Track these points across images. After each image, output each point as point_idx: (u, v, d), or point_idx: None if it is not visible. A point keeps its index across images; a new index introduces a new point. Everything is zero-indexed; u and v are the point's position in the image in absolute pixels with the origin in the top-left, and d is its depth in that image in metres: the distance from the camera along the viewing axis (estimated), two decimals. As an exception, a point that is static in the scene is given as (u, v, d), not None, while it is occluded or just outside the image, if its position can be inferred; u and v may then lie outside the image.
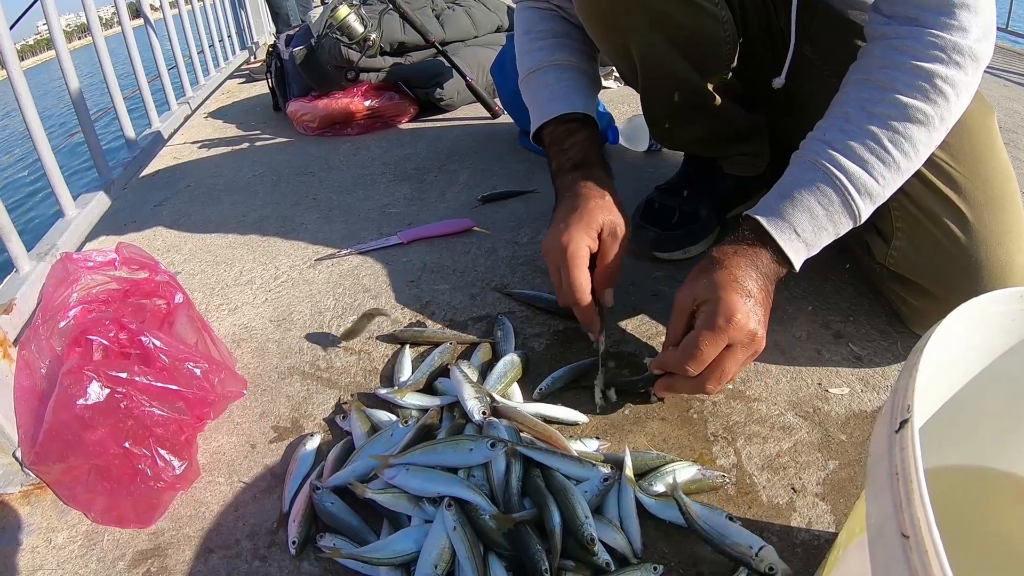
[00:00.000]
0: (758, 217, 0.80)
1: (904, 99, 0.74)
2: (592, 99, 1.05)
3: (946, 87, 0.74)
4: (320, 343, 1.06)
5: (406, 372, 0.95)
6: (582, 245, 0.88)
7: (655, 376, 0.83)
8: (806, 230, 0.78)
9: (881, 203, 0.79)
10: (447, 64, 2.06)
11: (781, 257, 0.79)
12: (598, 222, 0.89)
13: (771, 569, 0.63)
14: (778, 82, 0.97)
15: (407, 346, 1.00)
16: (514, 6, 1.15)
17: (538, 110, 1.05)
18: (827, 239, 0.79)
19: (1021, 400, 0.53)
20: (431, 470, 0.73)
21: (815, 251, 0.80)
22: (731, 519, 0.69)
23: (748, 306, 0.75)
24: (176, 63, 2.51)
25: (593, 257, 0.90)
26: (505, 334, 0.99)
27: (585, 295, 0.88)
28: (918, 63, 0.74)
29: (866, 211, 0.78)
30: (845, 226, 0.79)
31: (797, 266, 0.79)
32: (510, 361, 0.93)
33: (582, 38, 1.06)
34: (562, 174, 1.00)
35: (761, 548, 0.64)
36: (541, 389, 0.89)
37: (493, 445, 0.73)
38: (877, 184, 0.76)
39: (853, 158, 0.76)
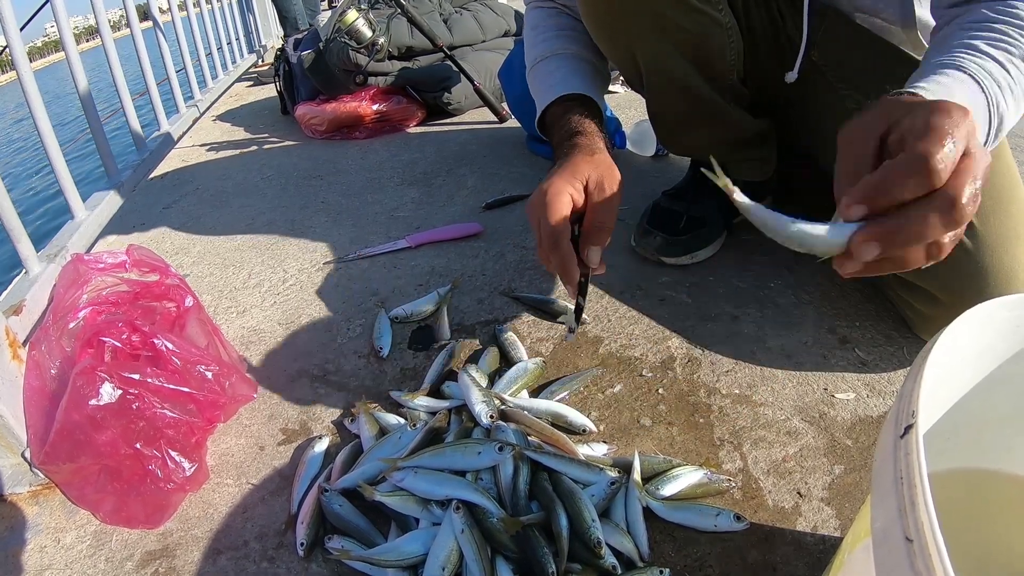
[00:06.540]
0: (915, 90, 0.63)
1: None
2: (594, 84, 1.02)
3: None
4: (328, 346, 1.06)
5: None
6: (563, 191, 0.80)
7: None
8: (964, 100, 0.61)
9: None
10: (455, 68, 2.07)
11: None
12: (583, 173, 0.82)
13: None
14: (791, 76, 0.96)
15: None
16: (521, 10, 1.15)
17: (541, 97, 1.03)
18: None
19: (1027, 405, 0.53)
20: (439, 473, 0.74)
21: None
22: (739, 519, 0.69)
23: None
24: (184, 66, 2.52)
25: (580, 230, 0.82)
26: (509, 342, 0.99)
27: (562, 238, 0.79)
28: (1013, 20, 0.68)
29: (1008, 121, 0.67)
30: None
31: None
32: (523, 368, 0.93)
33: (587, 31, 1.05)
34: (559, 146, 0.94)
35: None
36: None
37: (501, 449, 0.74)
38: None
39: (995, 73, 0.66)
